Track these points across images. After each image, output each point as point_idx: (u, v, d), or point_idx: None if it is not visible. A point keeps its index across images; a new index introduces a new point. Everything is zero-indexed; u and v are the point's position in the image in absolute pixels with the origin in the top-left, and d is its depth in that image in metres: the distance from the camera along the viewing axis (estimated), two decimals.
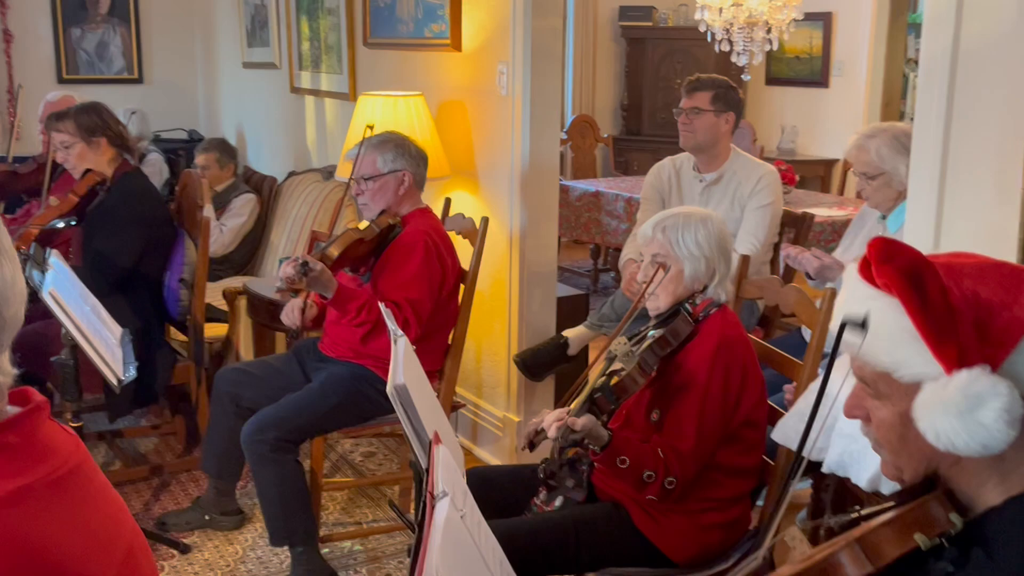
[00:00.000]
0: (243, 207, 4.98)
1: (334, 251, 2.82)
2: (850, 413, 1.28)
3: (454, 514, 1.41)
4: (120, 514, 1.06)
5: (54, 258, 2.83)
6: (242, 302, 3.91)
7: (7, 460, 0.94)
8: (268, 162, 5.74)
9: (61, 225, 3.23)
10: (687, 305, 2.23)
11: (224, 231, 4.89)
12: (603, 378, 2.13)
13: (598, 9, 8.11)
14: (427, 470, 1.54)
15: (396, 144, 3.05)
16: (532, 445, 2.14)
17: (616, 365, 2.17)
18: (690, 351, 2.18)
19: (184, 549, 3.19)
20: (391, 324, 2.12)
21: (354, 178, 3.06)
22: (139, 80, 6.62)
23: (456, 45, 3.84)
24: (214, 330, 3.97)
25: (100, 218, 3.43)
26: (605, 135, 7.59)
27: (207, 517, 3.33)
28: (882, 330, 1.16)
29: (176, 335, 3.80)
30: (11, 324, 0.97)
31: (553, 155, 3.68)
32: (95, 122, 3.48)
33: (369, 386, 2.95)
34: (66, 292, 2.71)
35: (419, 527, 1.43)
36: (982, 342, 1.12)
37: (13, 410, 1.00)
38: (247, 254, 5.02)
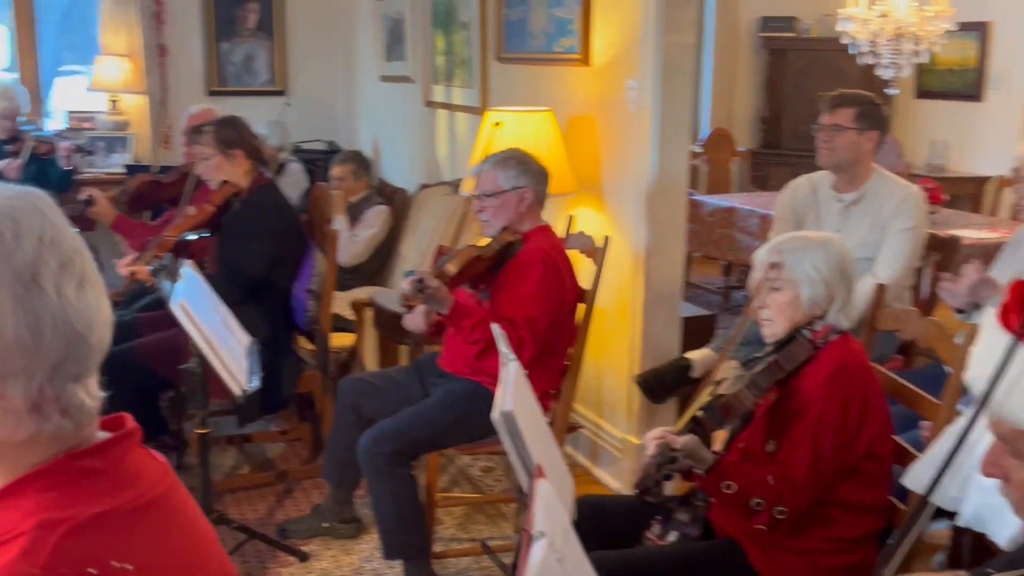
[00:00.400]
0: (375, 218, 5.05)
1: (452, 268, 2.82)
2: (987, 471, 1.17)
3: (551, 558, 1.35)
4: (207, 544, 1.06)
5: (186, 268, 2.92)
6: (369, 313, 3.96)
7: (91, 485, 0.95)
8: (401, 174, 5.82)
9: (193, 236, 3.34)
10: (805, 331, 2.13)
11: (357, 241, 4.97)
12: (710, 398, 2.07)
13: (739, 19, 7.93)
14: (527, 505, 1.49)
15: (518, 161, 3.03)
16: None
17: (724, 387, 2.10)
18: (805, 377, 2.09)
19: (303, 557, 3.24)
20: (502, 347, 2.09)
21: (476, 195, 3.06)
22: (283, 92, 6.83)
23: (586, 60, 3.80)
24: (341, 340, 4.04)
25: (234, 229, 3.53)
26: (742, 149, 7.39)
27: (325, 524, 3.38)
28: (1022, 385, 1.05)
29: (304, 344, 3.88)
30: (97, 349, 0.98)
31: (681, 172, 3.58)
32: (233, 135, 3.59)
33: (484, 404, 2.90)
34: (196, 302, 2.79)
35: (513, 568, 1.38)
36: None
37: (103, 436, 1.01)
38: (378, 264, 5.09)
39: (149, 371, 3.41)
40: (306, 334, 3.78)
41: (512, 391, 1.92)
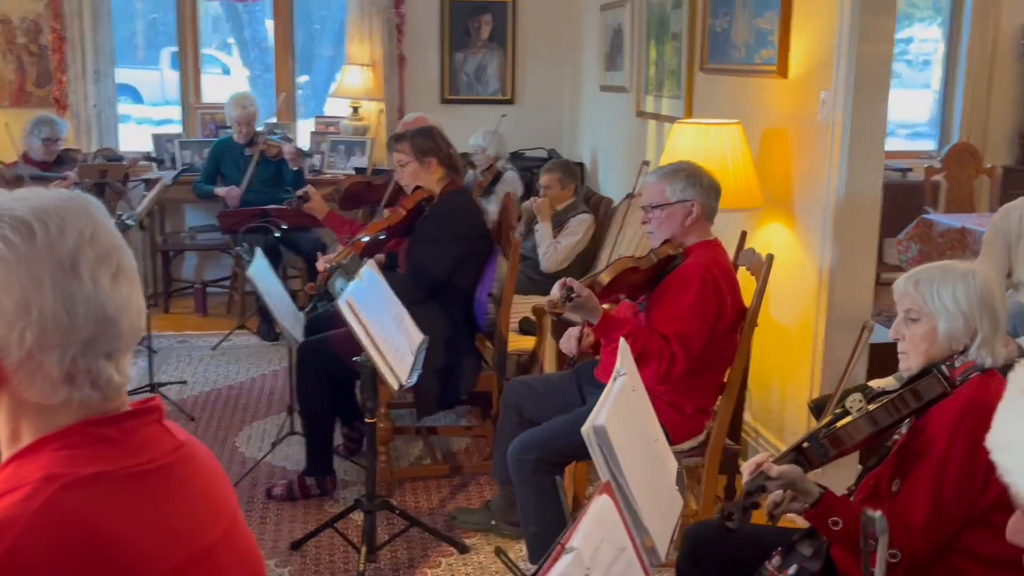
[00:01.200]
0: (578, 226, 5.13)
1: (604, 278, 2.84)
2: (1011, 539, 1.08)
3: (576, 571, 1.36)
4: (209, 514, 1.16)
5: (366, 268, 3.11)
6: (548, 319, 4.04)
7: (100, 449, 1.08)
8: (612, 183, 5.86)
9: (366, 238, 3.55)
10: (943, 367, 1.98)
11: (558, 249, 5.07)
12: (820, 428, 1.97)
13: (999, 27, 7.32)
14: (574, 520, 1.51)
15: (687, 174, 2.99)
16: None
17: (844, 420, 2.00)
18: (934, 415, 1.94)
19: (463, 549, 3.37)
20: (620, 361, 2.09)
21: (642, 206, 3.06)
22: (510, 101, 7.06)
23: (782, 72, 3.68)
24: (522, 343, 4.14)
25: (423, 232, 3.71)
26: (990, 165, 6.83)
27: (492, 522, 3.48)
28: None
29: (490, 345, 4.00)
30: (128, 332, 1.11)
31: (874, 189, 3.40)
32: (428, 144, 3.77)
33: None
34: (366, 300, 2.97)
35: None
36: None
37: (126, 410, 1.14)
38: (579, 273, 5.14)
39: (340, 361, 3.65)
40: (487, 335, 3.90)
41: (611, 407, 1.93)
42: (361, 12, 6.72)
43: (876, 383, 3.45)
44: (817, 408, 3.37)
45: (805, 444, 1.97)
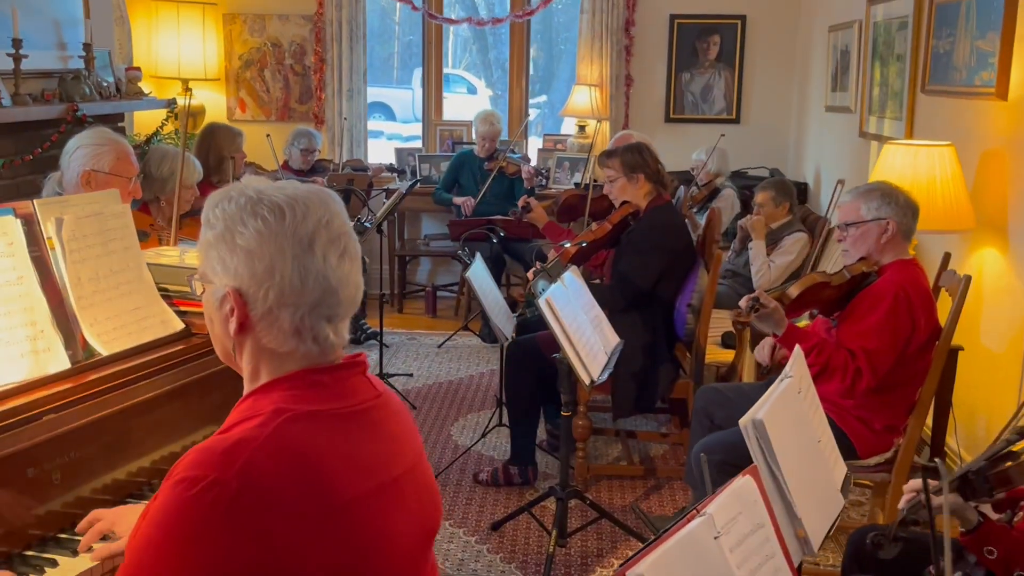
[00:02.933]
0: (792, 245, 5.16)
1: (793, 291, 2.93)
2: None
3: (705, 533, 1.53)
4: (396, 455, 1.40)
5: (568, 273, 3.36)
6: (748, 333, 4.13)
7: (315, 392, 1.35)
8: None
9: (570, 245, 3.79)
10: None
11: (772, 268, 5.12)
12: (987, 460, 1.98)
13: None
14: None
15: (883, 192, 3.04)
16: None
17: (1018, 452, 2.00)
18: None
19: (644, 540, 3.54)
20: (790, 364, 2.22)
21: (837, 224, 3.12)
22: (736, 120, 7.13)
23: (1002, 94, 3.62)
24: (721, 355, 4.25)
25: (628, 244, 3.92)
26: None
27: None
28: None
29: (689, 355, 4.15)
30: (345, 302, 1.37)
31: None
32: (637, 160, 3.98)
33: None
34: (565, 301, 3.21)
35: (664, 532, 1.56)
36: None
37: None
38: None
39: (545, 359, 3.92)
40: (686, 345, 4.05)
41: (773, 404, 2.07)
42: (592, 35, 7.01)
43: None
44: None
45: (972, 475, 1.95)
